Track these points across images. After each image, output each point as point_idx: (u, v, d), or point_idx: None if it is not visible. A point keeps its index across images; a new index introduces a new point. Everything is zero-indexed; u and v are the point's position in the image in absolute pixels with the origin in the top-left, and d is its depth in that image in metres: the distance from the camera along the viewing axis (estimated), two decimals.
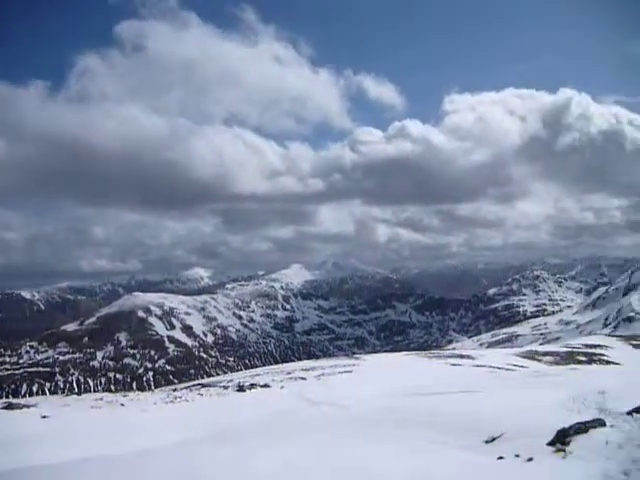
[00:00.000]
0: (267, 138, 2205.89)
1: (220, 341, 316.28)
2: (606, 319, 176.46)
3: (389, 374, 42.20)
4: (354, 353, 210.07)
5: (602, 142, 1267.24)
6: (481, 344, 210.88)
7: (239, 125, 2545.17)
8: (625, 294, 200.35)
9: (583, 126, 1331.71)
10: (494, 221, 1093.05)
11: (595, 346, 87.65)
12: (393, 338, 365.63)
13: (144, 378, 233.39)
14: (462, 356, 61.94)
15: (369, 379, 38.05)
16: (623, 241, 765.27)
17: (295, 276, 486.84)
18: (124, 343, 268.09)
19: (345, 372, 43.02)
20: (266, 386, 34.60)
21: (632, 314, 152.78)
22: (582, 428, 12.16)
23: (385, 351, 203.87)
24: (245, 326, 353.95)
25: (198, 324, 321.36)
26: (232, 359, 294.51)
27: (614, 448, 11.30)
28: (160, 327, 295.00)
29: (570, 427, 12.19)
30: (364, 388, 30.50)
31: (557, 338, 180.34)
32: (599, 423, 12.78)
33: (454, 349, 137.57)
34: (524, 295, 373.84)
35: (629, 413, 15.01)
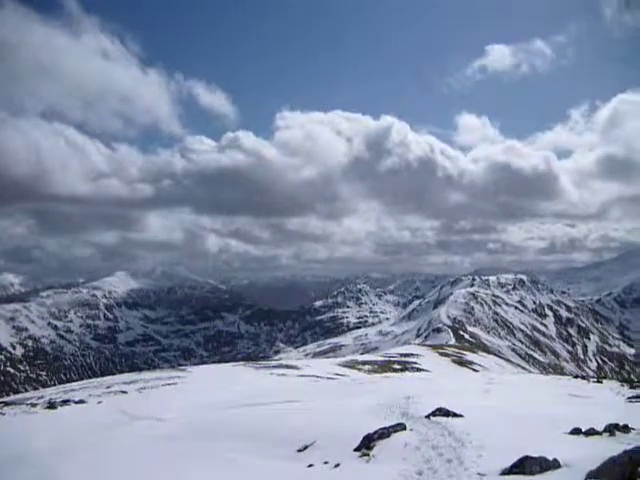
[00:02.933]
0: (92, 137, 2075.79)
1: (31, 354, 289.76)
2: (419, 330, 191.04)
3: (214, 386, 41.87)
4: (180, 365, 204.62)
5: (418, 168, 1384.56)
6: (307, 354, 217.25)
7: (60, 120, 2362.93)
8: (435, 307, 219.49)
9: (402, 152, 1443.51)
10: (321, 236, 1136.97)
11: (409, 355, 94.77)
12: (221, 349, 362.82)
13: None
14: (288, 366, 63.32)
15: (194, 391, 37.43)
16: (435, 259, 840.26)
17: (120, 284, 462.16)
18: None
19: (169, 384, 41.87)
20: (82, 402, 32.43)
21: (440, 325, 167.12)
22: (385, 433, 13.34)
23: (212, 362, 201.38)
24: (61, 337, 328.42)
25: (5, 335, 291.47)
26: (45, 373, 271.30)
27: (411, 450, 12.54)
28: None
29: (375, 432, 13.31)
30: (188, 401, 29.98)
31: (376, 348, 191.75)
32: (401, 427, 14.09)
33: (281, 360, 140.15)
34: (348, 307, 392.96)
35: (427, 417, 16.70)
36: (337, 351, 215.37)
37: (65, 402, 31.91)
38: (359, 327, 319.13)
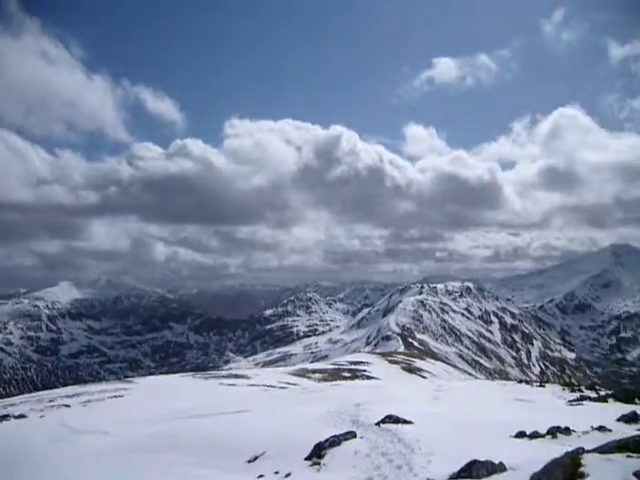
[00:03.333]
0: (33, 143, 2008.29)
1: None
2: (368, 338, 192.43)
3: (162, 397, 41.04)
4: (127, 377, 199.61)
5: (367, 177, 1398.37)
6: (257, 364, 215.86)
7: None
8: (384, 315, 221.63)
9: (351, 161, 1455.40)
10: (271, 244, 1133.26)
11: (359, 363, 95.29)
12: (169, 360, 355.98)
13: None
14: (237, 376, 62.72)
15: (140, 403, 36.57)
16: (384, 267, 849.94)
17: (63, 294, 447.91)
18: None
19: (115, 397, 40.78)
20: (22, 416, 31.20)
21: (389, 333, 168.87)
22: (336, 441, 13.37)
23: (160, 373, 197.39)
24: (0, 350, 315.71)
25: None
26: None
27: (362, 457, 12.61)
28: None
29: (325, 441, 13.32)
30: (134, 413, 29.28)
31: (326, 356, 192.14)
32: (351, 435, 14.16)
33: (230, 369, 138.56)
34: (298, 316, 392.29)
35: (377, 424, 16.83)
36: (287, 360, 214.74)
37: (4, 417, 30.62)
38: (309, 336, 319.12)
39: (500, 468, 11.06)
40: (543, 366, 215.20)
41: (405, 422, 16.76)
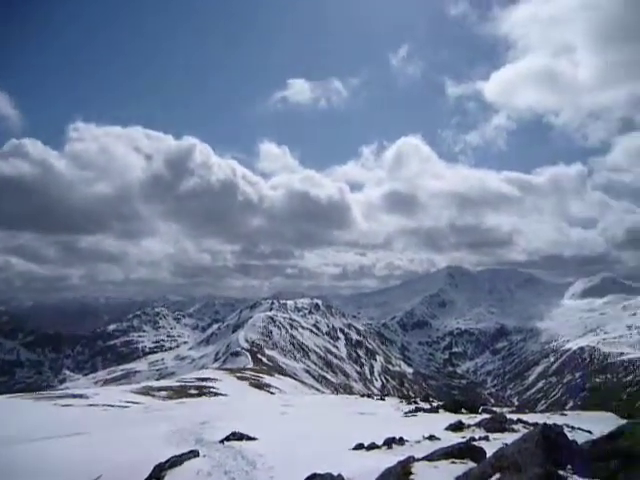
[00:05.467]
0: None
1: None
2: (217, 354, 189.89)
3: None
4: None
5: (220, 191, 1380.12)
6: (97, 382, 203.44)
7: None
8: (234, 331, 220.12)
9: (204, 174, 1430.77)
10: (117, 255, 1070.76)
11: (206, 379, 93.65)
12: None
13: None
14: (75, 396, 58.72)
15: None
16: (234, 283, 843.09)
17: None
18: None
19: None
20: None
21: (238, 349, 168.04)
22: (177, 461, 13.03)
23: None
24: None
25: None
26: None
27: (203, 476, 12.42)
28: None
29: (166, 461, 12.93)
30: None
31: (173, 373, 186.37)
32: (193, 454, 13.88)
33: (67, 389, 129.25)
34: (144, 331, 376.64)
35: (221, 441, 16.68)
36: (131, 377, 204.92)
37: None
38: (156, 352, 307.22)
39: None
40: (384, 380, 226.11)
41: (249, 438, 16.80)
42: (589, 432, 20.43)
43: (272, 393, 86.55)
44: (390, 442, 15.93)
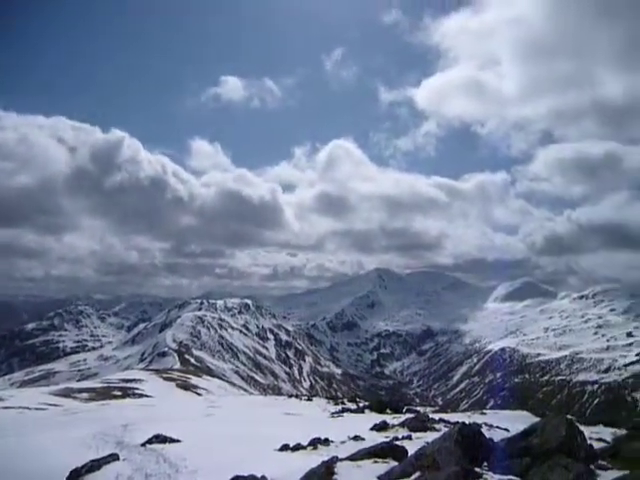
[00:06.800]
0: None
1: None
2: (143, 354, 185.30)
3: None
4: None
5: (149, 187, 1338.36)
6: (13, 383, 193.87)
7: None
8: (161, 331, 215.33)
9: (133, 169, 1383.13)
10: (38, 251, 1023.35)
11: (131, 380, 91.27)
12: None
13: None
14: None
15: None
16: (163, 281, 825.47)
17: None
18: None
19: None
20: None
21: (166, 349, 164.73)
22: (95, 465, 12.58)
23: None
24: None
25: None
26: None
27: None
28: None
29: (83, 466, 12.46)
30: None
31: (95, 374, 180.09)
32: (113, 458, 13.46)
33: None
34: (66, 330, 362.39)
35: (143, 444, 16.28)
36: (50, 378, 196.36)
37: None
38: (77, 352, 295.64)
39: None
40: (313, 381, 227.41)
41: (173, 441, 16.48)
42: (506, 430, 21.31)
43: (199, 394, 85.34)
44: (315, 443, 16.04)
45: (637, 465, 11.72)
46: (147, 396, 69.73)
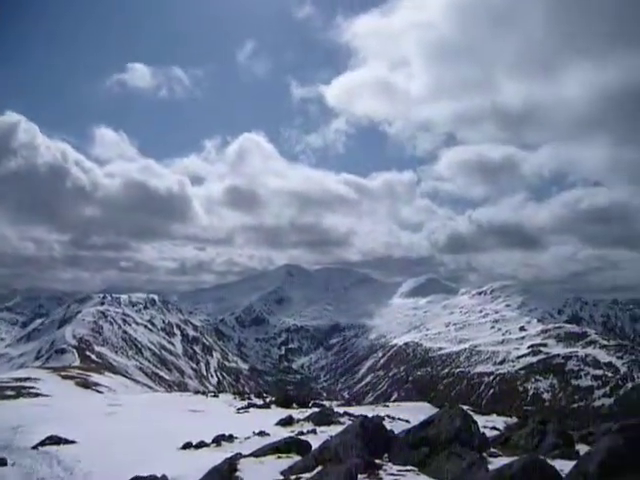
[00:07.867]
0: None
1: None
2: (39, 351, 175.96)
3: None
4: None
5: (48, 176, 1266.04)
6: None
7: None
8: (60, 326, 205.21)
9: (29, 155, 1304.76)
10: None
11: (25, 379, 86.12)
12: None
13: None
14: None
15: None
16: (62, 275, 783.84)
17: None
18: None
19: None
20: None
21: (64, 346, 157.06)
22: None
23: None
24: None
25: None
26: None
27: None
28: None
29: None
30: None
31: None
32: (1, 462, 12.66)
33: None
34: None
35: (35, 447, 15.41)
36: None
37: None
38: None
39: None
40: (220, 376, 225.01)
41: (67, 442, 15.73)
42: (407, 421, 22.04)
43: (100, 392, 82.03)
44: (219, 439, 15.85)
45: (525, 451, 12.50)
46: (43, 395, 66.15)
